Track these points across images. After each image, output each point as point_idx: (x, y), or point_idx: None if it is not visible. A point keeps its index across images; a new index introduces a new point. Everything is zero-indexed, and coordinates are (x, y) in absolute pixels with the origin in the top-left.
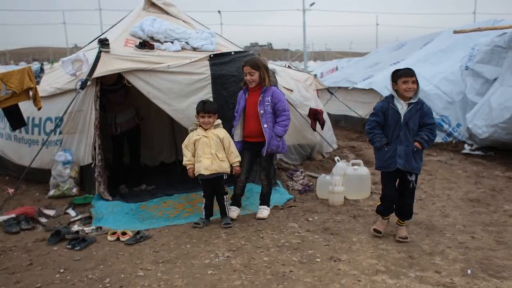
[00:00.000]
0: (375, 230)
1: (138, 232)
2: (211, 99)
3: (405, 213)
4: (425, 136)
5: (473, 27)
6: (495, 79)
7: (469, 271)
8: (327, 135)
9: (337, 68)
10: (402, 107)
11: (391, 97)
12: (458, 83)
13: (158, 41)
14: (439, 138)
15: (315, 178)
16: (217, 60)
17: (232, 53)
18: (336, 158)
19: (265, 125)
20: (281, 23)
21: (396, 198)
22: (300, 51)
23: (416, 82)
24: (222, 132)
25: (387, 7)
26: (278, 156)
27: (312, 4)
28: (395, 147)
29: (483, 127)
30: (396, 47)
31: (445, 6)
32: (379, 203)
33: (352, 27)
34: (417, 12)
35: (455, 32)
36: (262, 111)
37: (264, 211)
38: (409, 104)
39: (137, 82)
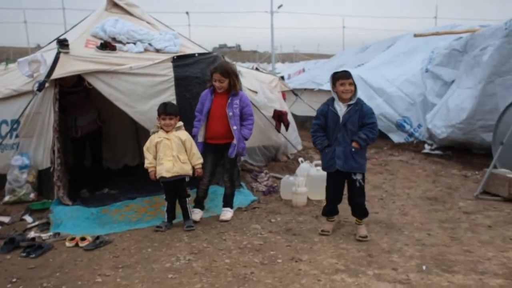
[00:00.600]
0: (322, 230)
1: (97, 237)
2: (174, 101)
3: (358, 212)
4: (362, 135)
5: (433, 31)
6: (453, 81)
7: (424, 267)
8: (292, 136)
9: (304, 70)
10: (341, 109)
11: (331, 99)
12: (419, 85)
13: (120, 42)
14: (401, 138)
15: (280, 179)
16: (181, 61)
17: (196, 54)
18: (300, 159)
19: (235, 127)
20: (249, 25)
21: (340, 199)
22: (268, 53)
23: (353, 84)
24: (184, 134)
25: (353, 10)
26: (243, 157)
27: (280, 6)
28: (334, 149)
29: (441, 128)
30: (361, 49)
31: (408, 10)
32: (325, 203)
33: (319, 29)
34: (382, 15)
35: (416, 35)
36: (231, 113)
37: (227, 213)
38: (348, 106)
39: (98, 84)
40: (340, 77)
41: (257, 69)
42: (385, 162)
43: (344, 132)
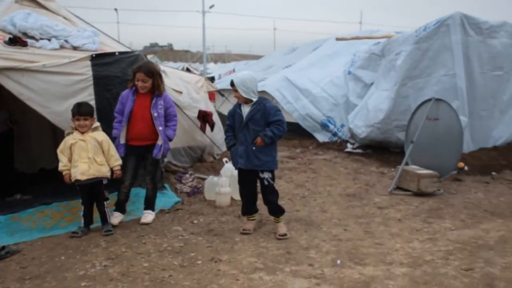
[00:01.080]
0: (243, 230)
1: (3, 248)
2: (93, 101)
3: (272, 210)
4: (269, 132)
5: (353, 35)
6: (372, 84)
7: (338, 262)
8: (218, 137)
9: (234, 71)
10: (245, 110)
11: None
12: (342, 86)
13: (33, 37)
14: (326, 138)
15: (205, 180)
16: (100, 60)
17: (117, 53)
18: (224, 159)
19: (160, 128)
20: (181, 24)
21: (254, 197)
22: (200, 53)
23: (237, 91)
24: (100, 135)
25: (284, 12)
26: (167, 158)
27: (211, 6)
28: (238, 148)
29: (362, 127)
30: (289, 51)
31: (336, 15)
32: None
33: (252, 30)
34: (312, 19)
35: (337, 39)
36: (156, 114)
37: (148, 216)
38: (251, 106)
39: (7, 82)
40: (232, 85)
41: (188, 69)
42: (309, 161)
43: (246, 132)
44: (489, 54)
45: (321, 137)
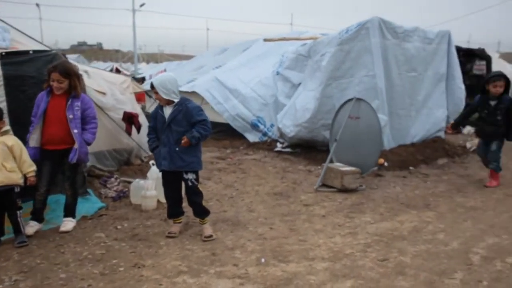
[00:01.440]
0: (169, 233)
1: None
2: (4, 103)
3: (197, 212)
4: (195, 133)
5: (280, 37)
6: (300, 84)
7: (262, 260)
8: (145, 139)
9: (165, 71)
10: (167, 111)
11: None
12: (271, 86)
13: None
14: (256, 137)
15: (131, 183)
16: (11, 59)
17: (31, 51)
18: (151, 162)
19: (75, 131)
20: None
21: (179, 199)
22: (132, 52)
23: (157, 92)
24: (11, 139)
25: (217, 13)
26: (90, 162)
27: (142, 5)
28: (161, 149)
29: (290, 127)
30: (220, 51)
31: (269, 16)
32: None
33: (185, 30)
34: (245, 19)
35: (265, 40)
36: (71, 116)
37: (68, 224)
38: (173, 107)
39: None
40: (152, 87)
41: (117, 69)
42: (239, 162)
43: (169, 133)
44: (404, 56)
45: (252, 137)
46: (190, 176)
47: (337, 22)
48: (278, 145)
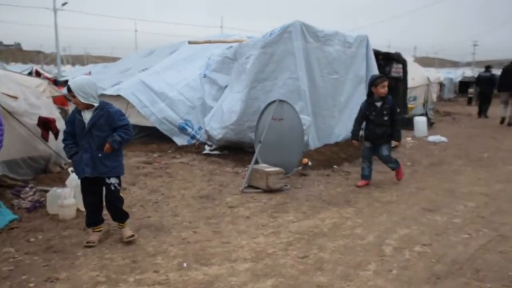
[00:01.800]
0: (87, 242)
1: None
2: None
3: (118, 217)
4: (117, 137)
5: (205, 39)
6: (227, 86)
7: (184, 265)
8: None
9: (90, 73)
10: (86, 115)
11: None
12: (198, 89)
13: None
14: (185, 141)
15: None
16: None
17: None
18: (70, 169)
19: None
20: (31, 22)
21: (99, 205)
22: (55, 54)
23: (75, 96)
24: None
25: (146, 14)
26: (0, 172)
27: (64, 4)
28: (82, 155)
29: (217, 129)
30: (146, 54)
31: (199, 19)
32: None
33: (113, 32)
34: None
35: (190, 42)
36: None
37: None
38: (93, 112)
39: None
40: (69, 91)
41: (38, 72)
42: (166, 166)
43: (90, 138)
44: (326, 59)
45: (180, 140)
46: (113, 180)
47: (269, 25)
48: (206, 147)
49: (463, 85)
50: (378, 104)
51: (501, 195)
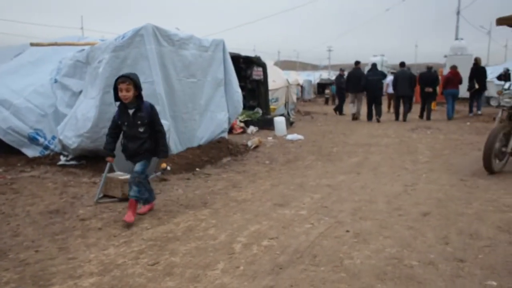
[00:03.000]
0: None
1: None
2: None
3: None
4: None
5: (51, 41)
6: (81, 92)
7: None
8: None
9: None
10: None
11: None
12: (49, 95)
13: None
14: (37, 152)
15: None
16: None
17: None
18: None
19: None
20: None
21: None
22: None
23: None
24: None
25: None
26: None
27: None
28: None
29: (72, 138)
30: None
31: (58, 19)
32: None
33: None
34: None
35: (32, 44)
36: None
37: None
38: None
39: None
40: None
41: None
42: (12, 181)
43: None
44: (182, 63)
45: (31, 152)
46: None
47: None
48: (62, 158)
49: (321, 87)
50: (131, 111)
51: (342, 186)
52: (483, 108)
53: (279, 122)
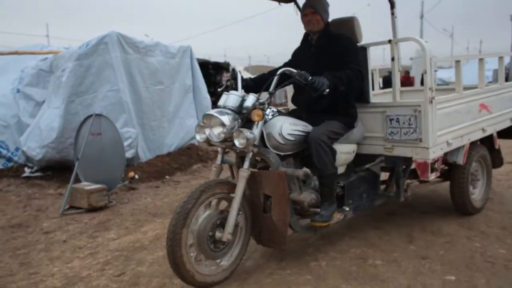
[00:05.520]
0: None
1: None
2: None
3: None
4: None
5: (11, 50)
6: (44, 101)
7: None
8: None
9: None
10: None
11: None
12: (12, 106)
13: None
14: (0, 164)
15: None
16: None
17: None
18: None
19: None
20: None
21: None
22: None
23: None
24: None
25: None
26: None
27: None
28: None
29: (36, 149)
30: None
31: (19, 26)
32: None
33: None
34: None
35: None
36: None
37: None
38: None
39: None
40: None
41: None
42: None
43: None
44: (149, 70)
45: None
46: None
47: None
48: (27, 170)
49: None
50: None
51: None
52: None
53: None
